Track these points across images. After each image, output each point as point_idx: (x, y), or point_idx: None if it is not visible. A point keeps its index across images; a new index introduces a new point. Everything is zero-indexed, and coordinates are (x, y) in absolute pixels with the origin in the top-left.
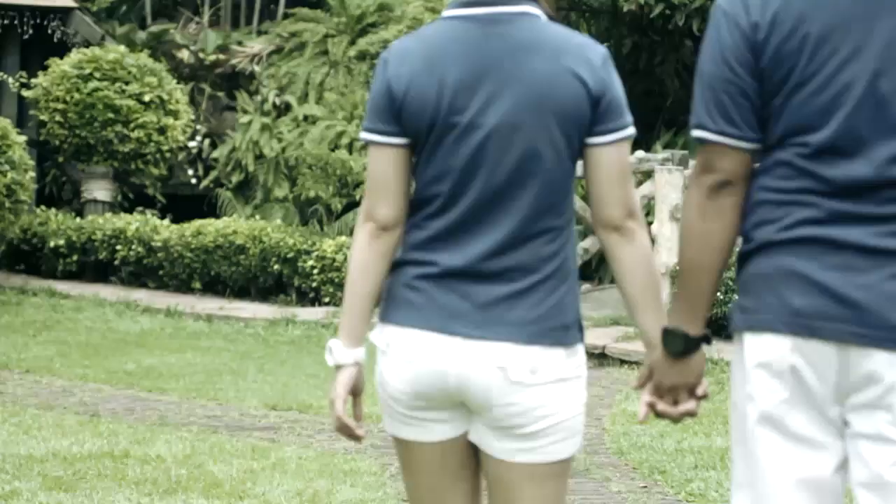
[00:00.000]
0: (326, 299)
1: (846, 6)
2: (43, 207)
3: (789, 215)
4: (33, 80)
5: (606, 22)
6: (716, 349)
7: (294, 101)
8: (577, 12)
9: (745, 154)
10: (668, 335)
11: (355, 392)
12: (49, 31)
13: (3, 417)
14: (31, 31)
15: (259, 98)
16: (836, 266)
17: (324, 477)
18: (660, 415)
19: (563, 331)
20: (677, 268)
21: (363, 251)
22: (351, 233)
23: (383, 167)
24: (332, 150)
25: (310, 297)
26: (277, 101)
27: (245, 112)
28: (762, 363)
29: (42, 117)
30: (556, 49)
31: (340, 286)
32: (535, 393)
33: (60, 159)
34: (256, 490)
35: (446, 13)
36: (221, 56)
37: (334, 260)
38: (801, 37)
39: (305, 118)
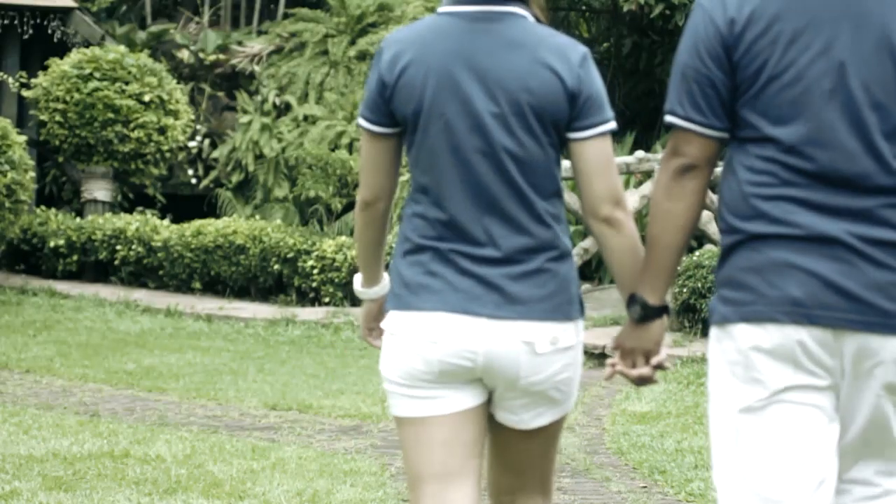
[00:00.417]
0: (326, 299)
1: (818, 6)
2: (43, 207)
3: (777, 208)
4: (33, 80)
5: (606, 22)
6: None
7: (294, 101)
8: (577, 12)
9: (711, 141)
10: (631, 302)
11: (378, 318)
12: (49, 31)
13: (3, 417)
14: (31, 31)
15: (259, 98)
16: (828, 258)
17: (324, 477)
18: (621, 374)
19: (569, 305)
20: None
21: (359, 224)
22: (351, 233)
23: (373, 153)
24: (332, 150)
25: (310, 297)
26: (277, 101)
27: (245, 112)
28: (765, 350)
29: (42, 117)
30: (536, 46)
31: (340, 286)
32: (556, 362)
33: (60, 159)
34: (256, 490)
35: (440, 9)
36: (221, 56)
37: (334, 260)
38: (775, 33)
39: (305, 118)
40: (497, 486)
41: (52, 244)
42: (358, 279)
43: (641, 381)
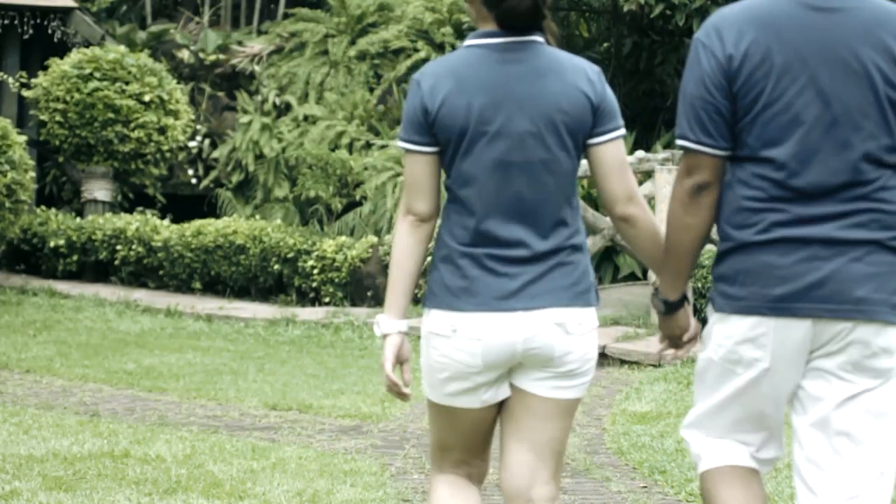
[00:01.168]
0: (326, 299)
1: (803, 43)
2: (43, 207)
3: (764, 220)
4: (33, 80)
5: (606, 22)
6: None
7: (294, 101)
8: (577, 12)
9: (719, 160)
10: (655, 300)
11: (401, 360)
12: (49, 31)
13: (3, 417)
14: (31, 31)
15: (259, 98)
16: (805, 259)
17: (324, 477)
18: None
19: (588, 293)
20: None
21: (407, 238)
22: (351, 233)
23: (419, 171)
24: (332, 150)
25: (310, 297)
26: (277, 101)
27: (245, 112)
28: (745, 339)
29: (42, 117)
30: (562, 70)
31: (340, 286)
32: (583, 341)
33: (60, 159)
34: (256, 490)
35: (468, 42)
36: (221, 56)
37: (334, 260)
38: (767, 67)
39: (305, 118)
40: (515, 462)
41: (52, 244)
42: (385, 317)
43: (679, 354)
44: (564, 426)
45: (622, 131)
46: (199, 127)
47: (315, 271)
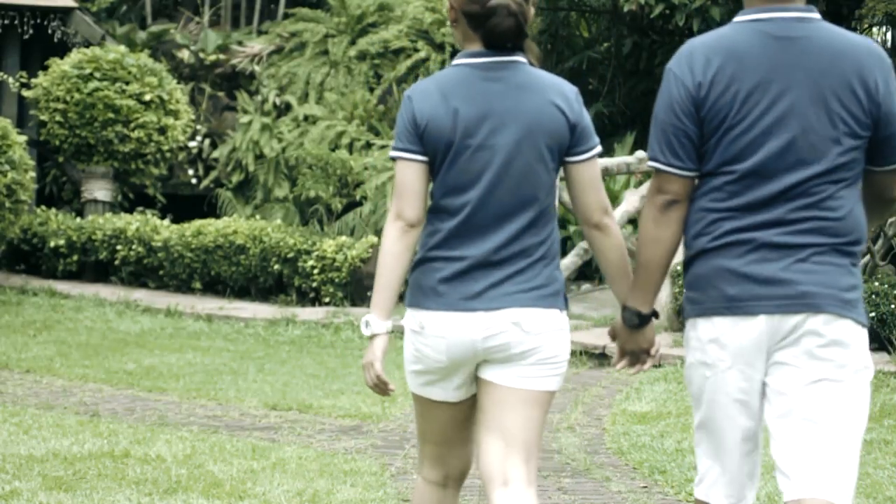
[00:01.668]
0: (326, 299)
1: (765, 69)
2: (43, 207)
3: (719, 228)
4: (33, 80)
5: (606, 22)
6: None
7: (294, 101)
8: (577, 12)
9: (688, 180)
10: (626, 312)
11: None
12: (49, 31)
13: (3, 417)
14: (31, 31)
15: (259, 98)
16: (755, 260)
17: (324, 477)
18: (630, 365)
19: (554, 297)
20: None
21: (396, 243)
22: (351, 233)
23: (409, 178)
24: (332, 150)
25: (310, 297)
26: (277, 101)
27: (245, 112)
28: (713, 339)
29: (42, 117)
30: (541, 88)
31: (341, 286)
32: (542, 337)
33: (60, 159)
34: (256, 490)
35: (456, 61)
36: (221, 56)
37: (334, 260)
38: (732, 93)
39: (305, 118)
40: (490, 450)
41: (52, 244)
42: (374, 317)
43: (641, 369)
44: (533, 416)
45: (598, 149)
46: (199, 127)
47: (315, 271)
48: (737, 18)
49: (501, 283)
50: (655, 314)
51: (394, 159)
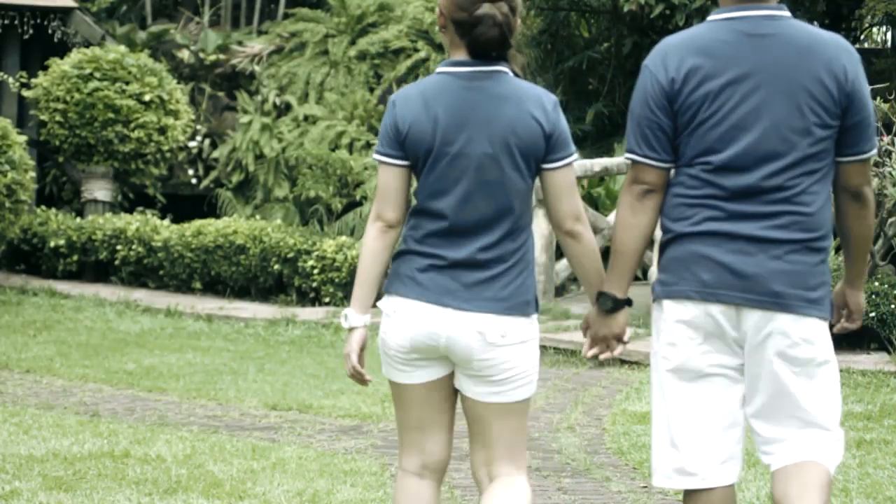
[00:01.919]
0: (326, 299)
1: (738, 67)
2: (43, 207)
3: (697, 214)
4: (33, 80)
5: (606, 22)
6: None
7: (294, 101)
8: (577, 12)
9: (662, 170)
10: (602, 297)
11: (361, 348)
12: (49, 31)
13: (3, 417)
14: (31, 31)
15: (259, 98)
16: (732, 251)
17: (324, 477)
18: (599, 353)
19: (525, 305)
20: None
21: (374, 242)
22: (351, 233)
23: (390, 181)
24: (332, 150)
25: (310, 297)
26: (277, 101)
27: (245, 112)
28: (682, 321)
29: (42, 117)
30: (519, 98)
31: (341, 286)
32: (505, 351)
33: (60, 159)
34: (256, 490)
35: (440, 69)
36: (221, 56)
37: (334, 260)
38: (705, 89)
39: (305, 118)
40: (475, 460)
41: (52, 244)
42: (353, 311)
43: (607, 354)
44: (511, 423)
45: (573, 157)
46: (199, 127)
47: (315, 271)
48: (711, 17)
49: (475, 286)
50: (629, 301)
51: (377, 162)
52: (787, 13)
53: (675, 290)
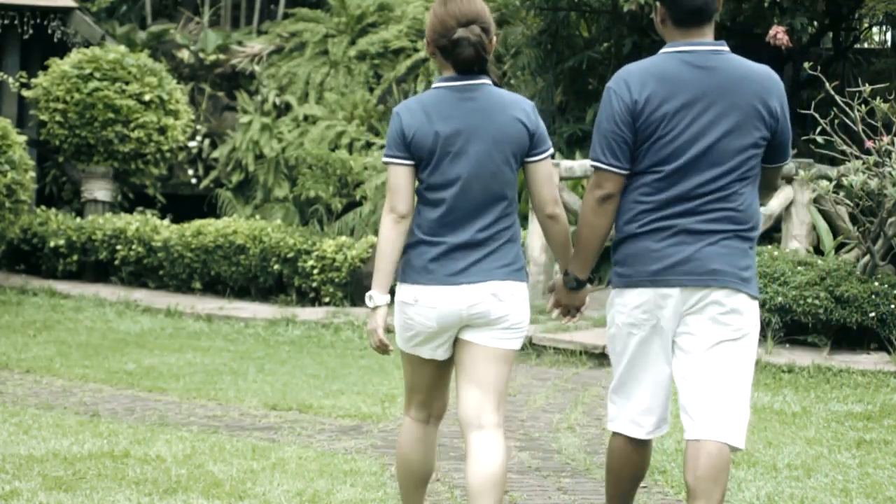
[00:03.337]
0: (326, 299)
1: (688, 93)
2: (43, 207)
3: (646, 217)
4: (33, 80)
5: (606, 22)
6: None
7: (294, 101)
8: (577, 12)
9: (622, 177)
10: (567, 277)
11: (384, 323)
12: (49, 31)
13: (3, 417)
14: (31, 31)
15: (259, 98)
16: (673, 243)
17: (324, 477)
18: (562, 316)
19: (520, 271)
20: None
21: (390, 232)
22: (351, 233)
23: (400, 178)
24: (332, 150)
25: (310, 297)
26: (277, 101)
27: (245, 112)
28: (635, 306)
29: (42, 117)
30: (505, 106)
31: (341, 286)
32: (511, 306)
33: (60, 159)
34: (256, 490)
35: (435, 85)
36: (221, 56)
37: (334, 260)
38: (662, 111)
39: (305, 118)
40: (469, 402)
41: (52, 244)
42: (376, 292)
43: (570, 320)
44: (503, 370)
45: (550, 151)
46: (199, 127)
47: (315, 271)
48: (663, 50)
49: (479, 262)
50: (591, 280)
51: (387, 164)
52: (726, 48)
53: (631, 281)
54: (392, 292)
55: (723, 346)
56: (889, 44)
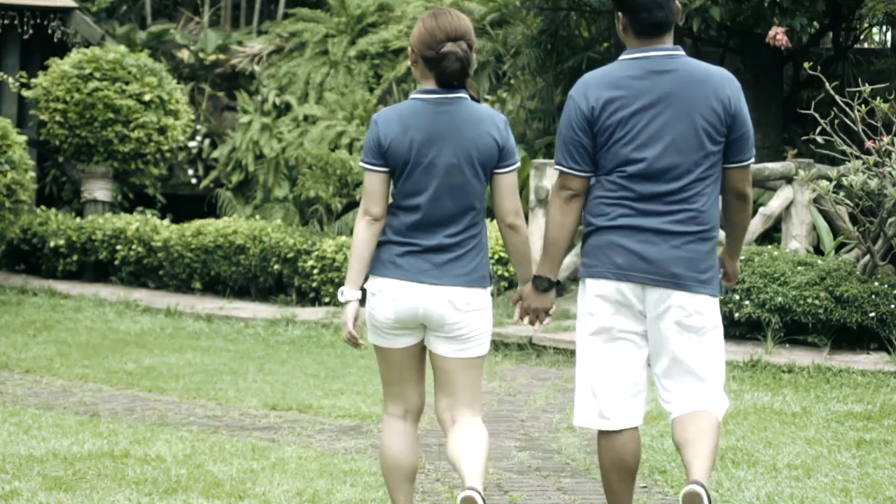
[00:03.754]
0: (326, 299)
1: (645, 97)
2: (43, 207)
3: (613, 212)
4: (33, 80)
5: (606, 22)
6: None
7: (294, 101)
8: (577, 12)
9: (584, 179)
10: (537, 279)
11: (355, 317)
12: (49, 31)
13: (3, 417)
14: (31, 31)
15: (259, 98)
16: (640, 241)
17: (324, 477)
18: (530, 322)
19: (482, 279)
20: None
21: (364, 232)
22: (351, 233)
23: (375, 184)
24: (332, 150)
25: (310, 297)
26: (277, 101)
27: (245, 112)
28: (599, 295)
29: (42, 117)
30: (478, 120)
31: (340, 286)
32: (469, 316)
33: (60, 159)
34: (256, 490)
35: (414, 96)
36: (221, 56)
37: (334, 260)
38: (618, 116)
39: (305, 118)
40: (441, 406)
41: (52, 244)
42: (348, 288)
43: (537, 323)
44: (471, 375)
45: (517, 165)
46: (199, 127)
47: (315, 271)
48: (622, 56)
49: (445, 265)
50: (559, 282)
51: (363, 169)
52: (682, 53)
53: (595, 271)
54: (364, 289)
55: (691, 344)
56: (889, 44)
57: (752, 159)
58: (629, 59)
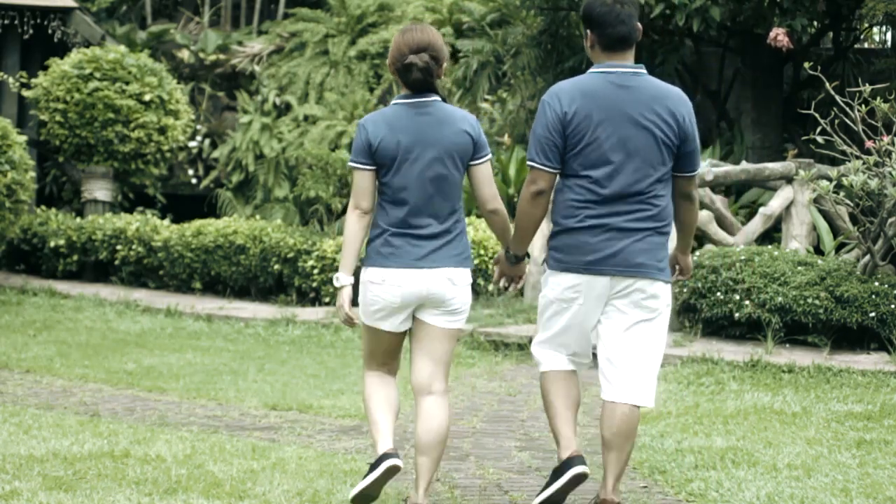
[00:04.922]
0: (326, 299)
1: (610, 107)
2: (43, 207)
3: (581, 214)
4: (33, 80)
5: None
6: (716, 349)
7: (294, 101)
8: (577, 12)
9: (553, 175)
10: (509, 254)
11: (350, 300)
12: (49, 31)
13: (3, 417)
14: (31, 31)
15: (259, 98)
16: (605, 238)
17: (324, 477)
18: (505, 287)
19: (467, 259)
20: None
21: (355, 225)
22: None
23: (364, 181)
24: (332, 150)
25: (310, 297)
26: (277, 101)
27: (245, 112)
28: (569, 287)
29: (42, 117)
30: (453, 120)
31: None
32: (461, 291)
33: (60, 159)
34: (256, 490)
35: (394, 101)
36: (221, 56)
37: (334, 260)
38: (587, 123)
39: (305, 118)
40: (421, 371)
41: (52, 244)
42: (346, 272)
43: (511, 289)
44: (450, 346)
45: (489, 156)
46: (199, 127)
47: (315, 271)
48: (591, 70)
49: (437, 250)
50: (528, 255)
51: (353, 168)
52: (644, 71)
53: (567, 266)
54: (356, 275)
55: (640, 325)
56: (889, 44)
57: (698, 170)
58: (597, 73)
